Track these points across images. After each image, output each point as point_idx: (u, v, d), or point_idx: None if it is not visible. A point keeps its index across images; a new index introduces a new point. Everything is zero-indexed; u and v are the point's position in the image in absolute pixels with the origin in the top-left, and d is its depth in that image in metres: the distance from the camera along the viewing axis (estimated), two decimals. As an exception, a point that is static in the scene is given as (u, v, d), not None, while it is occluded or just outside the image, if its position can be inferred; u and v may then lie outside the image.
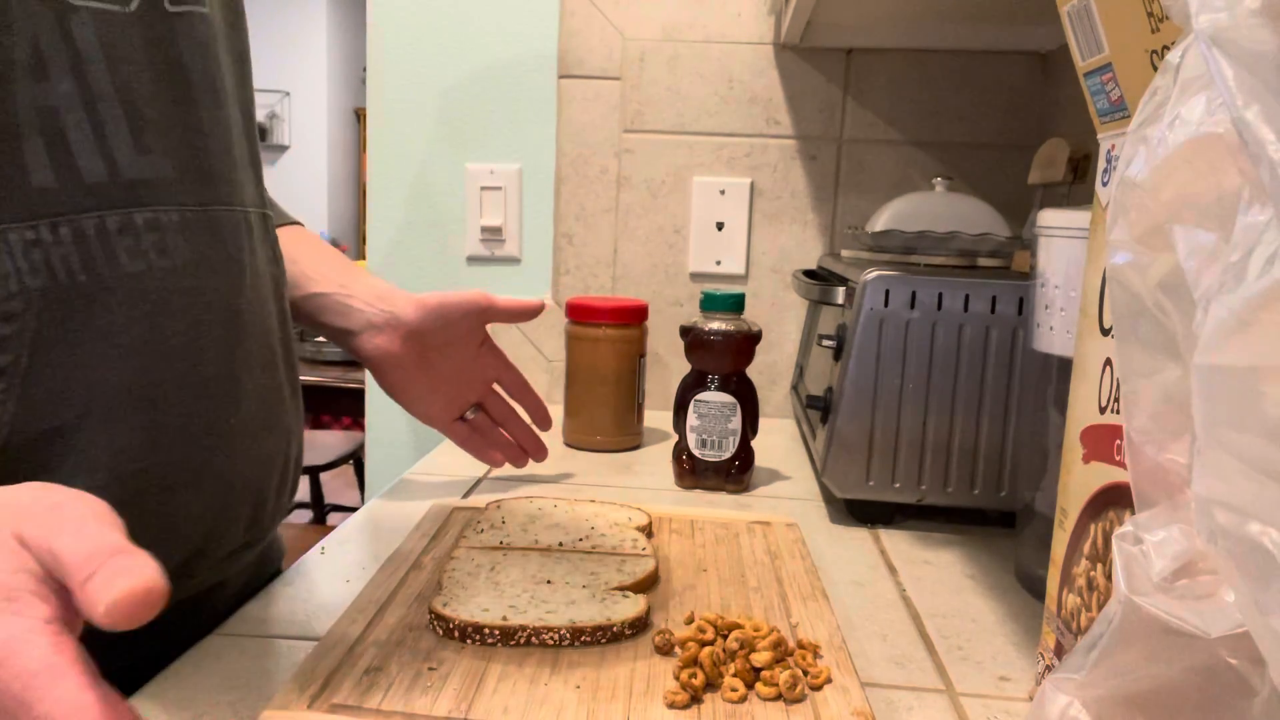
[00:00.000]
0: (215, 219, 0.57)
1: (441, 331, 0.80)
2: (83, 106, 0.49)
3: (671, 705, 0.48)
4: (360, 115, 6.34)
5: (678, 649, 0.53)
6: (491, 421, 0.87)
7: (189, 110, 0.55)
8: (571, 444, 1.05)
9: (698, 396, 0.90)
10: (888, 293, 0.78)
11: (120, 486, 0.51)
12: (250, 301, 0.59)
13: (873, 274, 0.79)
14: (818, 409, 0.86)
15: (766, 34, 1.19)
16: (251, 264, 0.60)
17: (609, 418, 1.03)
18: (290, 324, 0.67)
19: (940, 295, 0.77)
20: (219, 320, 0.56)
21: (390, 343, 0.78)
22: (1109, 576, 0.39)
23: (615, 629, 0.54)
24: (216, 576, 0.61)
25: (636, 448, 1.05)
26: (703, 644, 0.52)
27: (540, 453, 0.89)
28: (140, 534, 0.53)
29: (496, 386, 0.87)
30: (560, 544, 0.66)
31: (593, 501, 0.76)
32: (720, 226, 1.22)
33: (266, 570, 0.72)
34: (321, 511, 3.37)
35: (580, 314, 1.02)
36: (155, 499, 0.53)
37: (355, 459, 3.39)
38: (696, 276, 1.23)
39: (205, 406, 0.55)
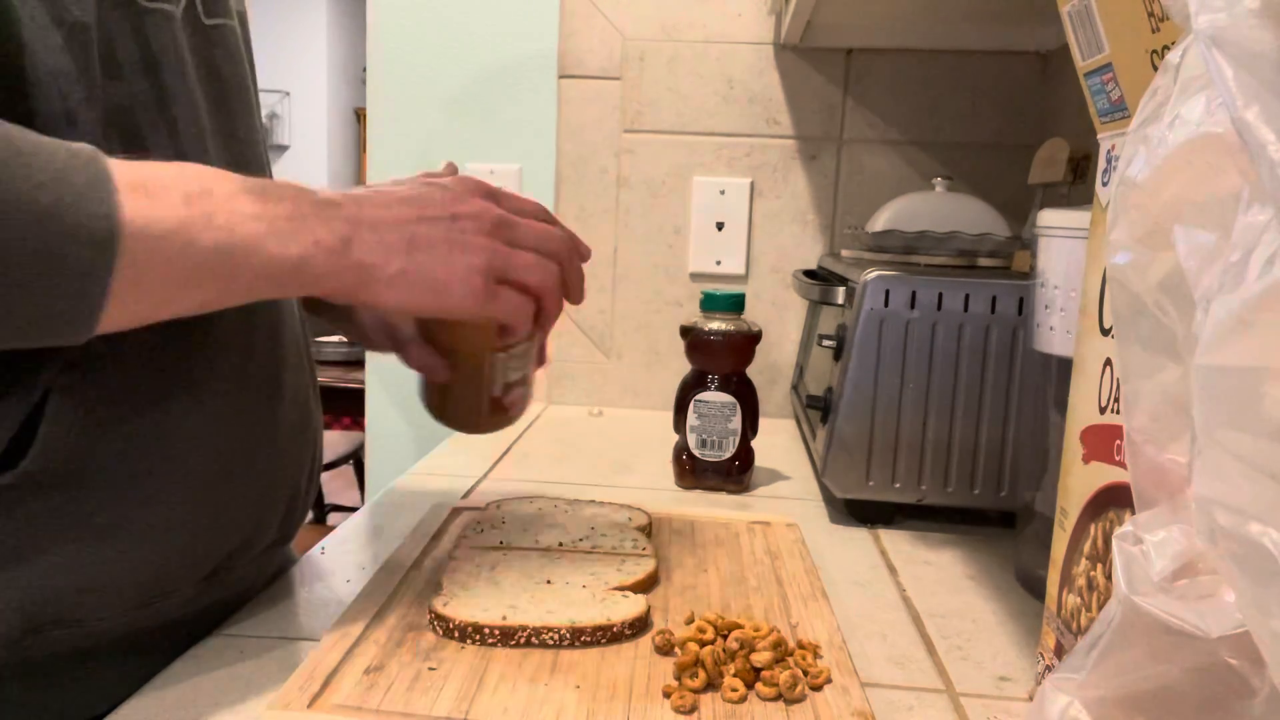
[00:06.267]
0: None
1: None
2: (156, 106, 0.50)
3: (678, 708, 0.48)
4: (360, 115, 6.34)
5: (678, 649, 0.53)
6: None
7: (228, 118, 0.57)
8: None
9: (698, 396, 0.90)
10: (888, 293, 0.78)
11: (172, 470, 0.51)
12: (287, 303, 0.61)
13: (873, 274, 0.79)
14: (818, 409, 0.86)
15: (766, 34, 1.18)
16: None
17: None
18: (309, 331, 0.68)
19: (940, 295, 0.77)
20: (264, 319, 0.57)
21: None
22: (1109, 576, 0.39)
23: (615, 629, 0.54)
24: (252, 574, 0.62)
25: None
26: (703, 644, 0.52)
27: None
28: (194, 519, 0.53)
29: None
30: (560, 544, 0.66)
31: (593, 502, 0.76)
32: (720, 226, 1.22)
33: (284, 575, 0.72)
34: (321, 511, 3.37)
35: None
36: (208, 485, 0.53)
37: (355, 459, 3.39)
38: (696, 276, 1.23)
39: (253, 400, 0.56)
